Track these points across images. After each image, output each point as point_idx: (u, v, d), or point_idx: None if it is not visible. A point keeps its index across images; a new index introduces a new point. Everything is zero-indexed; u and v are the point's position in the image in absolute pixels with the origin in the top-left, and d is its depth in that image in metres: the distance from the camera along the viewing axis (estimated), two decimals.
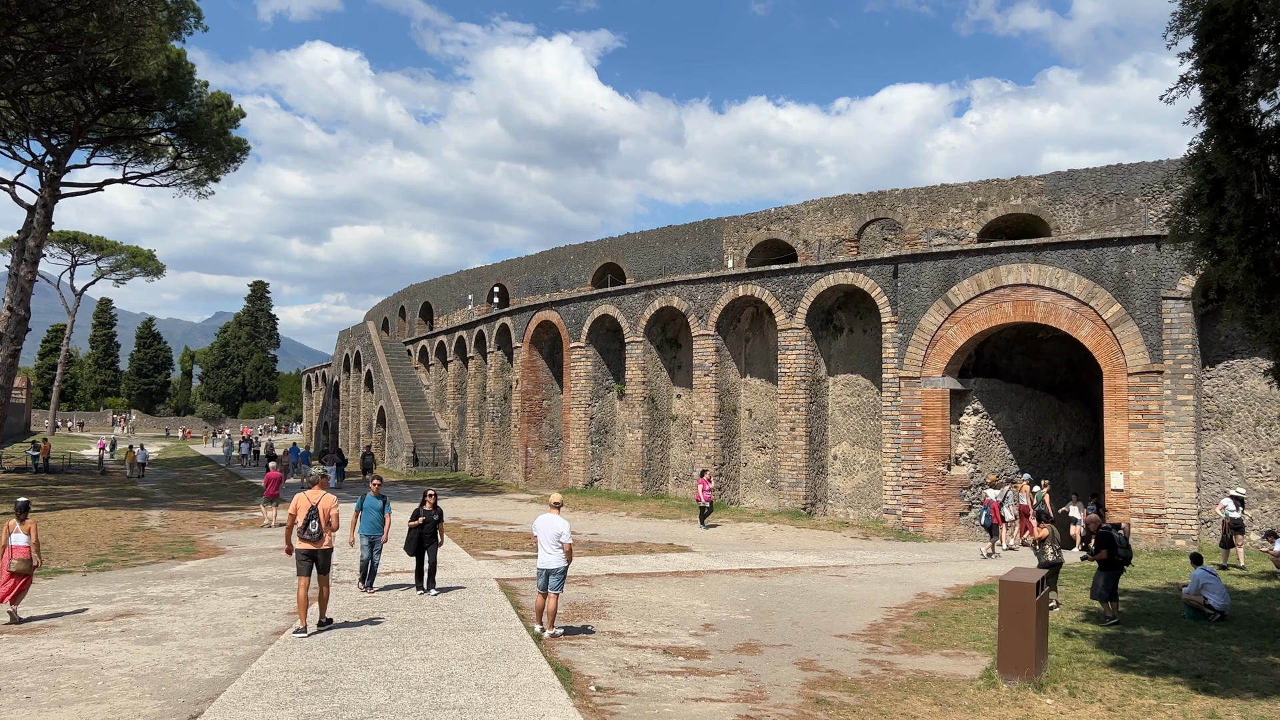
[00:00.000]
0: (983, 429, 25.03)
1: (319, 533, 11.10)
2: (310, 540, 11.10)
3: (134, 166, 47.73)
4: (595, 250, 42.06)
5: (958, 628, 13.53)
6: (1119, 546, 13.81)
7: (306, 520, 11.09)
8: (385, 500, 14.88)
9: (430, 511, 14.59)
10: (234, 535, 22.53)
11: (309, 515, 11.11)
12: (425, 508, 14.62)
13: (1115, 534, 13.89)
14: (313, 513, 11.13)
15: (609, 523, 26.04)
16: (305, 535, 11.10)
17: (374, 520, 14.61)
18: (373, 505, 14.72)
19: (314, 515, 11.13)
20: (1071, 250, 22.92)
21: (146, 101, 41.59)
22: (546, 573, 11.77)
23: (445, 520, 16.75)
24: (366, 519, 14.63)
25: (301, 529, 11.10)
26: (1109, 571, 13.81)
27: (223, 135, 45.77)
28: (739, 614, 14.09)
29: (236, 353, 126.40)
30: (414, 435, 44.63)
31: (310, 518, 11.10)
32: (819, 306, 27.59)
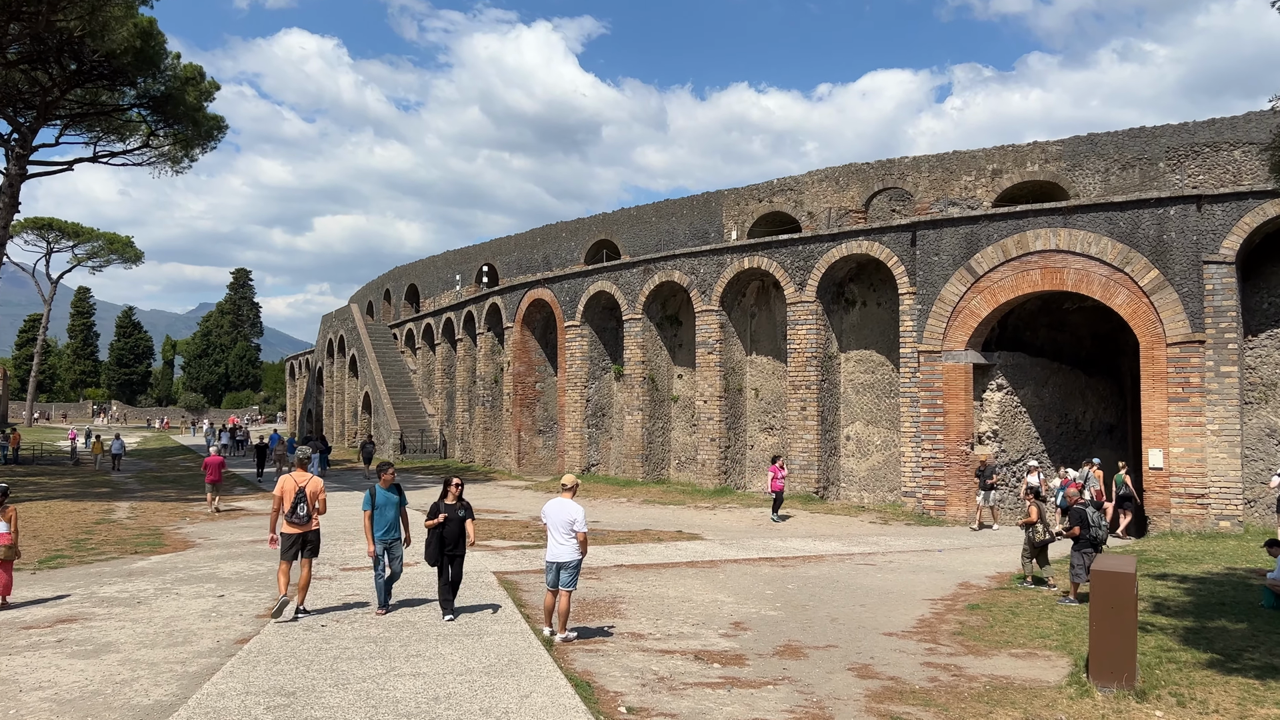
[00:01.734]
0: (1007, 406, 23.52)
1: (308, 515, 10.93)
2: (299, 524, 10.89)
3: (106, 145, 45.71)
4: (588, 226, 40.34)
5: (1017, 622, 12.00)
6: (1091, 525, 13.16)
7: (295, 503, 10.87)
8: (402, 493, 11.67)
9: (455, 506, 11.17)
10: (207, 527, 20.84)
11: (297, 498, 10.89)
12: (448, 501, 11.18)
13: (1089, 512, 13.29)
14: (300, 495, 10.91)
15: (610, 510, 24.46)
16: (294, 519, 10.87)
17: (392, 519, 11.40)
18: (389, 502, 11.36)
19: (302, 498, 10.91)
20: (1105, 213, 21.36)
21: (116, 75, 39.52)
22: (557, 566, 10.15)
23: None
24: (382, 519, 11.29)
25: (290, 513, 10.87)
26: (1081, 550, 13.15)
27: (198, 110, 43.72)
28: (769, 609, 12.53)
29: (219, 342, 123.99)
30: (401, 422, 42.90)
31: (299, 500, 10.88)
32: (830, 278, 25.99)
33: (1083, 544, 13.16)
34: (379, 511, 11.24)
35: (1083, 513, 13.28)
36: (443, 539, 10.91)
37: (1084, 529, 13.15)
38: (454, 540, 10.98)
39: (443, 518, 10.93)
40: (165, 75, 41.56)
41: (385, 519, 11.26)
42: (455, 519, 11.01)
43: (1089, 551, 13.05)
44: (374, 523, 11.17)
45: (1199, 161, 27.47)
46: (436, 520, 10.93)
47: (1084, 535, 13.15)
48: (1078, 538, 13.19)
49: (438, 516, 10.94)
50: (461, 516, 11.11)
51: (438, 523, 10.92)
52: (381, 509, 11.28)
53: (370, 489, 11.32)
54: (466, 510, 11.22)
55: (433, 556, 10.95)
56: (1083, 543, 13.15)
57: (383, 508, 11.28)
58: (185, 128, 43.90)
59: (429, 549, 10.96)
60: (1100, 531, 13.29)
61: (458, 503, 11.17)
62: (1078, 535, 13.17)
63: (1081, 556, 13.10)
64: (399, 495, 11.48)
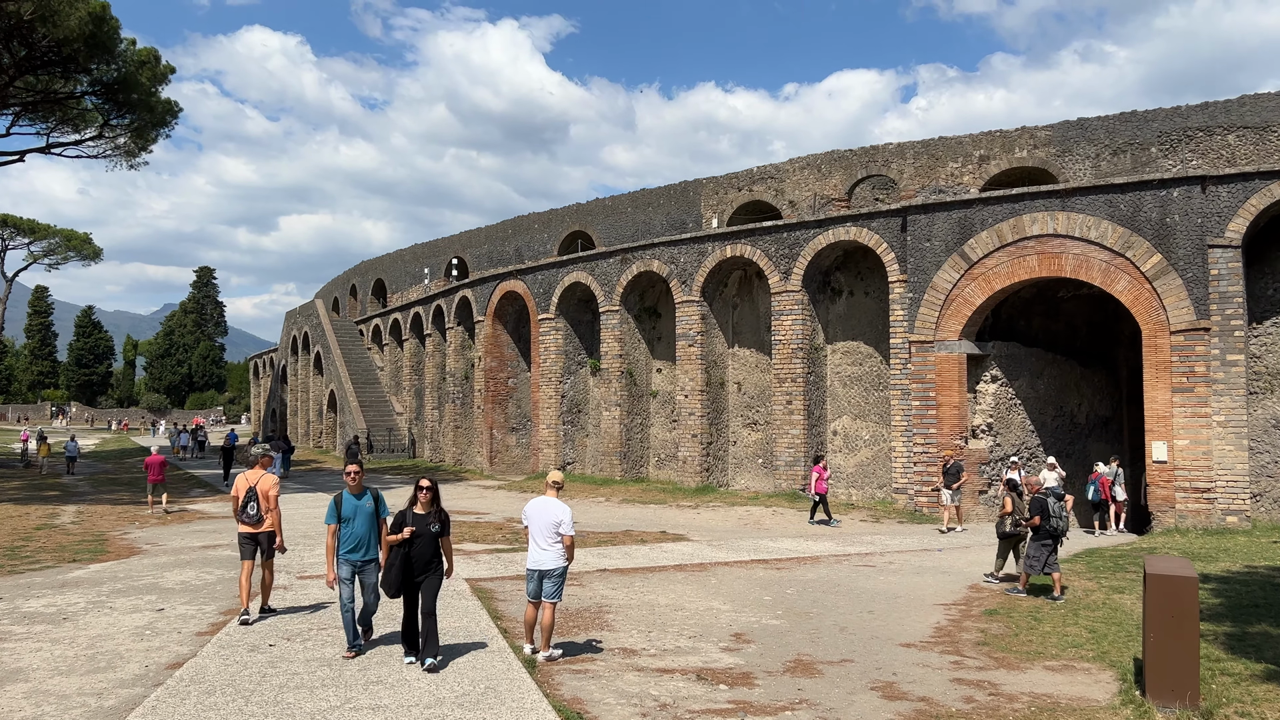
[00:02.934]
0: (1002, 398, 22.58)
1: (258, 515, 10.54)
2: (250, 523, 10.53)
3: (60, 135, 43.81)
4: (562, 217, 39.08)
5: (1043, 629, 10.95)
6: (1052, 516, 12.84)
7: (245, 502, 10.57)
8: (380, 500, 9.35)
9: (426, 517, 8.63)
10: (157, 532, 19.41)
11: (248, 497, 10.57)
12: (416, 510, 8.64)
13: (1050, 502, 12.94)
14: (251, 494, 10.57)
15: (589, 509, 23.25)
16: (245, 518, 10.56)
17: (363, 535, 9.07)
18: (359, 512, 9.07)
19: (253, 497, 10.56)
20: (1105, 195, 20.45)
21: (69, 61, 37.69)
22: (540, 574, 8.94)
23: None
24: (350, 535, 9.02)
25: (240, 512, 10.58)
26: (1040, 542, 12.83)
27: (152, 95, 41.97)
28: (771, 618, 11.40)
29: (182, 341, 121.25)
30: (367, 420, 41.41)
31: (249, 499, 10.56)
32: (816, 267, 24.93)
33: (1042, 535, 12.81)
34: (347, 525, 8.99)
35: (1043, 502, 12.90)
36: (409, 561, 8.43)
37: (1044, 519, 12.78)
38: (424, 563, 8.50)
39: (409, 532, 8.46)
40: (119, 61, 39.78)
41: (355, 534, 9.00)
42: (426, 534, 8.54)
43: (1048, 543, 12.76)
44: (340, 540, 9.00)
45: (1192, 146, 26.73)
46: (400, 535, 8.48)
47: (1043, 526, 12.79)
48: (1037, 528, 12.83)
49: (402, 530, 8.51)
50: (435, 532, 8.60)
51: (402, 538, 8.46)
52: (350, 522, 9.00)
53: (335, 496, 9.06)
54: (442, 524, 8.65)
55: (393, 584, 8.44)
56: (1042, 534, 12.80)
57: (351, 520, 9.00)
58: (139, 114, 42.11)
59: (388, 574, 8.48)
60: (1061, 523, 12.91)
61: (430, 513, 8.62)
62: (1037, 525, 12.81)
63: (1039, 548, 12.81)
64: (375, 504, 9.18)
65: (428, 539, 8.60)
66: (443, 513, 8.78)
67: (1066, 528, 13.22)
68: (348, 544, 9.02)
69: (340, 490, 9.15)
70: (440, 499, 8.84)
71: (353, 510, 9.06)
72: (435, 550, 8.66)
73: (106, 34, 38.12)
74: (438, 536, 8.67)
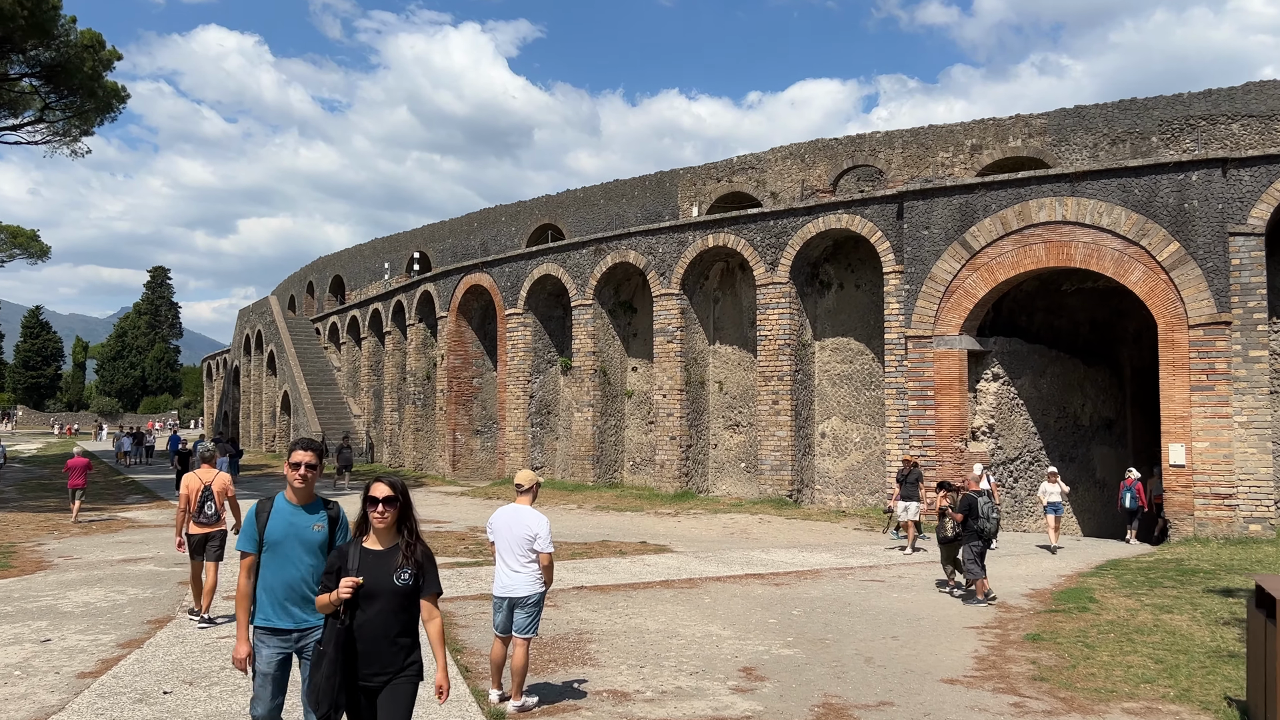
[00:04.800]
0: (1004, 397, 21.08)
1: (216, 514, 10.26)
2: (207, 523, 10.21)
3: None
4: (530, 210, 37.25)
5: (1099, 658, 9.33)
6: (980, 516, 12.30)
7: (202, 502, 10.20)
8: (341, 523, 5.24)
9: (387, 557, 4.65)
10: (77, 543, 17.32)
11: (203, 496, 10.23)
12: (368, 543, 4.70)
13: (980, 501, 12.43)
14: (207, 493, 10.26)
15: (560, 517, 21.41)
16: (202, 519, 10.20)
17: (301, 582, 5.02)
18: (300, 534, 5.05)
19: (208, 496, 10.26)
20: (1118, 179, 19.02)
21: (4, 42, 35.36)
22: (509, 603, 7.13)
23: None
24: (281, 572, 5.01)
25: (197, 513, 10.21)
26: (969, 544, 12.26)
27: (96, 80, 39.55)
28: (781, 646, 9.67)
29: (135, 343, 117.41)
30: (323, 423, 39.21)
31: (206, 498, 10.23)
32: (804, 257, 23.32)
33: (970, 535, 12.28)
34: (274, 553, 4.98)
35: (973, 500, 12.40)
36: (352, 647, 4.50)
37: (971, 518, 12.28)
38: (382, 653, 4.54)
39: (350, 589, 4.49)
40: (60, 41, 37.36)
41: (288, 579, 4.97)
42: (387, 594, 4.56)
43: (976, 544, 12.24)
44: (261, 586, 5.01)
45: (1194, 135, 25.51)
46: (334, 597, 4.51)
47: (969, 524, 12.29)
48: (963, 525, 12.38)
49: (343, 585, 4.51)
50: (404, 588, 4.60)
51: (338, 601, 4.50)
52: (279, 548, 4.99)
53: (258, 504, 5.14)
54: (419, 570, 4.67)
55: (324, 695, 4.43)
56: (970, 534, 12.28)
57: (282, 546, 4.98)
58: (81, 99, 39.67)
59: (314, 672, 4.50)
60: (989, 524, 12.41)
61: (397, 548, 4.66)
62: (962, 522, 12.36)
63: (970, 550, 12.25)
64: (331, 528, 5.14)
65: (390, 603, 4.53)
66: (420, 549, 4.69)
67: (996, 530, 12.71)
68: (274, 597, 4.96)
69: (275, 494, 5.13)
70: (414, 521, 4.74)
71: (286, 532, 4.97)
72: (406, 625, 4.60)
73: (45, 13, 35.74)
74: (408, 596, 4.59)
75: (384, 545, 4.68)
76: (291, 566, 4.99)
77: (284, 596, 4.98)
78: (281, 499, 5.14)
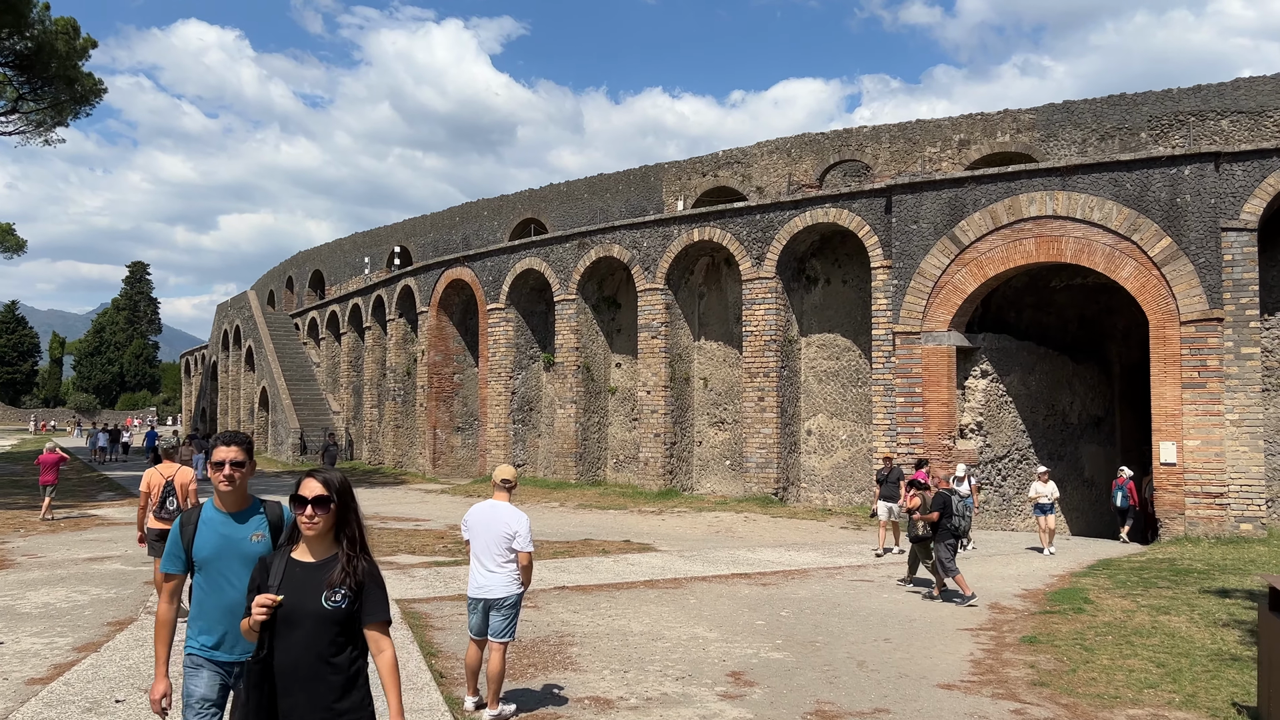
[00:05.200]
0: (993, 394, 20.81)
1: (178, 510, 9.85)
2: (169, 519, 9.91)
3: None
4: (513, 204, 36.77)
5: (1099, 661, 9.02)
6: (954, 514, 12.17)
7: (164, 496, 9.97)
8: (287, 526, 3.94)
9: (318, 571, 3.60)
10: (43, 540, 16.78)
11: (165, 491, 10.00)
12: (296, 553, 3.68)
13: (954, 500, 12.34)
14: (169, 488, 9.99)
15: (542, 516, 21.00)
16: (163, 514, 9.97)
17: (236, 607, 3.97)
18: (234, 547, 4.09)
19: (170, 491, 10.00)
20: (1110, 173, 18.77)
21: None
22: (485, 605, 6.72)
23: None
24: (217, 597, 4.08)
25: (159, 507, 9.99)
26: (943, 541, 12.11)
27: (71, 69, 38.79)
28: (770, 649, 9.30)
29: (113, 339, 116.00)
30: (301, 419, 38.63)
31: (167, 494, 9.98)
32: (791, 252, 22.97)
33: (944, 534, 12.12)
34: (206, 573, 4.10)
35: (946, 498, 12.23)
36: (266, 676, 3.52)
37: (944, 516, 12.10)
38: (300, 686, 3.52)
39: (269, 606, 3.51)
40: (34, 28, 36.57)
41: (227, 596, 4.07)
42: (313, 620, 3.52)
43: (950, 543, 12.12)
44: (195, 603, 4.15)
45: (1184, 131, 25.32)
46: (252, 620, 3.54)
47: (943, 523, 12.09)
48: (937, 525, 12.15)
49: (255, 604, 3.54)
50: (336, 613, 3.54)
51: (255, 622, 3.53)
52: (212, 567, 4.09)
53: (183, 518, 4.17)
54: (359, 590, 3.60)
55: None
56: (944, 533, 12.12)
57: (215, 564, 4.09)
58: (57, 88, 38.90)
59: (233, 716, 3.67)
60: (964, 522, 12.31)
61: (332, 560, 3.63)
62: (936, 521, 12.13)
63: (945, 549, 12.10)
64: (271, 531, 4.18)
65: (316, 630, 3.52)
66: (362, 564, 3.65)
67: (969, 527, 12.68)
68: (210, 624, 4.09)
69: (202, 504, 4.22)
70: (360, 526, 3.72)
71: (218, 548, 4.07)
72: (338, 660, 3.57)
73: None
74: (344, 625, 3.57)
75: (316, 557, 3.61)
76: (229, 587, 4.00)
77: (222, 624, 4.03)
78: (210, 508, 4.13)
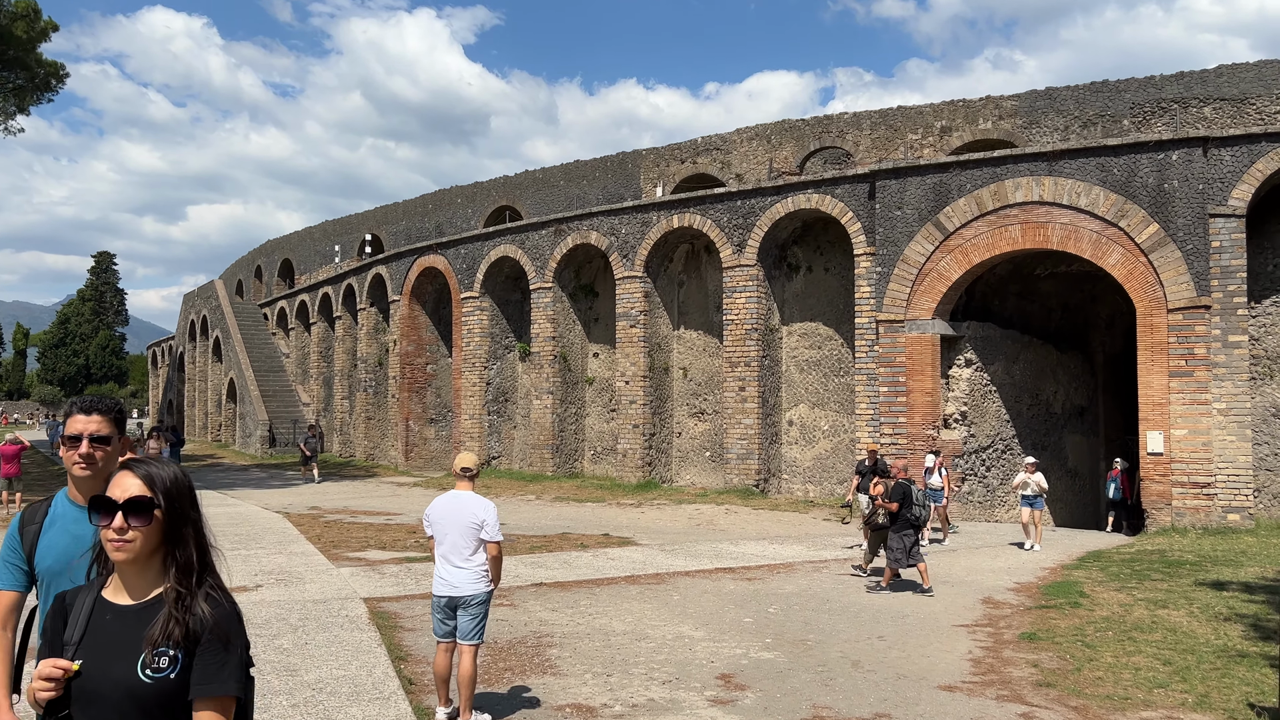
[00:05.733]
0: (977, 384, 20.47)
1: None
2: None
3: None
4: (487, 191, 36.09)
5: (1103, 659, 8.62)
6: (914, 504, 12.00)
7: None
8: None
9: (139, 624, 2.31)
10: None
11: None
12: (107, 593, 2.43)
13: (914, 489, 12.26)
14: None
15: (518, 509, 20.46)
16: None
17: None
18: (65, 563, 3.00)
19: None
20: (1097, 158, 18.44)
21: None
22: (452, 603, 6.19)
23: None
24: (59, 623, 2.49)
25: None
26: (900, 532, 11.88)
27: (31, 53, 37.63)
28: (759, 649, 8.84)
29: (79, 330, 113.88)
30: (270, 411, 37.79)
31: None
32: (772, 239, 22.51)
33: (902, 525, 11.91)
34: (56, 587, 2.93)
35: (906, 488, 12.12)
36: None
37: (904, 506, 11.90)
38: None
39: (58, 677, 2.26)
40: None
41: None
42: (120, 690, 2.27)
43: (909, 533, 11.91)
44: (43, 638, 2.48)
45: (1166, 119, 25.09)
46: (38, 694, 2.26)
47: (903, 514, 11.89)
48: (896, 515, 11.91)
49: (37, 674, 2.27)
50: (152, 683, 2.26)
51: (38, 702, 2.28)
52: (62, 580, 2.94)
53: (24, 514, 3.18)
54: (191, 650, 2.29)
55: None
56: (902, 523, 11.91)
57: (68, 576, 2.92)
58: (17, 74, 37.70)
59: None
60: (923, 512, 12.26)
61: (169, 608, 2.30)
62: (895, 511, 11.90)
63: (901, 539, 11.86)
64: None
65: (128, 715, 2.27)
66: (209, 609, 2.35)
67: (928, 517, 12.62)
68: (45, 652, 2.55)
69: (52, 497, 3.22)
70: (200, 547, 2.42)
71: (68, 552, 3.02)
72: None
73: None
74: (167, 704, 2.28)
75: (135, 597, 2.38)
76: None
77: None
78: (63, 499, 3.13)
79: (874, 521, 12.53)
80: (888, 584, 11.92)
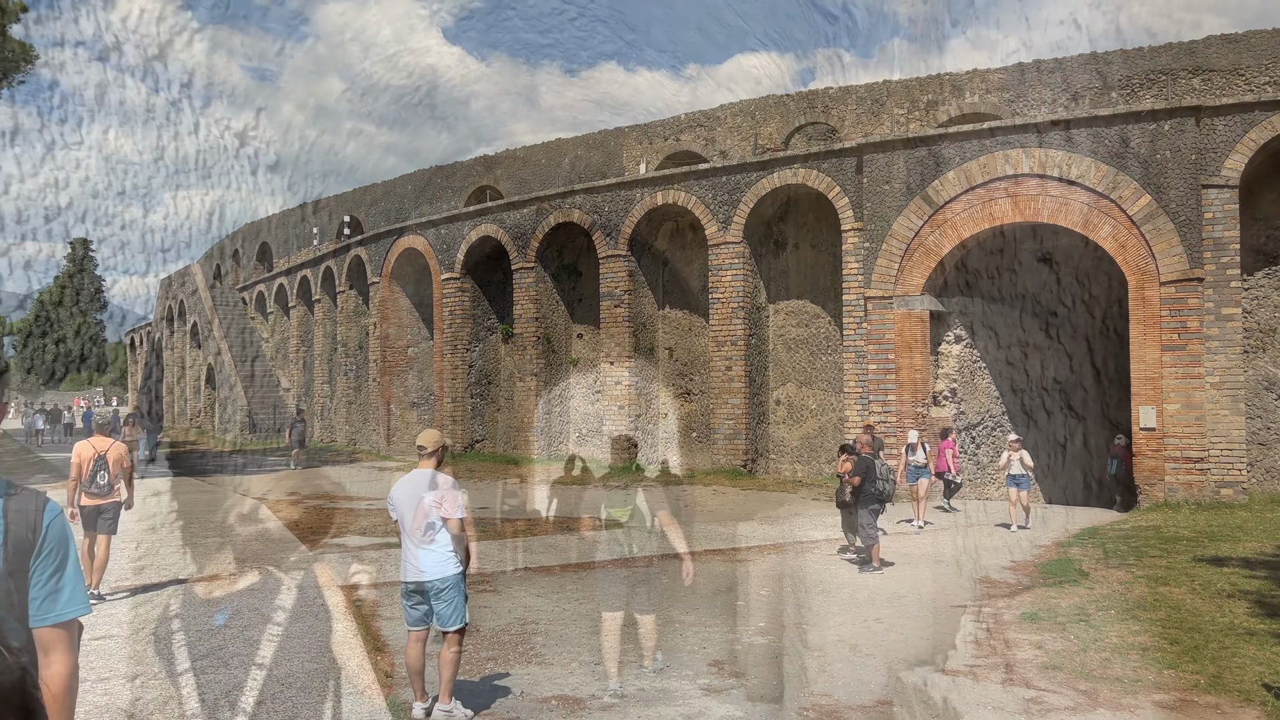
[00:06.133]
0: (966, 360, 20.20)
1: (109, 485, 9.61)
2: (100, 495, 9.55)
3: None
4: (467, 170, 35.49)
5: (1110, 641, 8.33)
6: (878, 478, 11.80)
7: (94, 471, 9.52)
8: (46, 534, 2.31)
9: None
10: None
11: (96, 465, 9.54)
12: None
13: (877, 463, 11.99)
14: (100, 462, 9.57)
15: (501, 492, 20.07)
16: (93, 489, 9.50)
17: None
18: None
19: (102, 465, 9.59)
20: (1088, 129, 18.09)
21: None
22: (420, 588, 5.83)
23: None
24: None
25: (89, 482, 9.50)
26: (869, 507, 11.71)
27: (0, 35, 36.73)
28: (752, 633, 8.56)
29: (56, 318, 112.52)
30: (249, 397, 37.21)
31: (98, 468, 9.55)
32: (758, 216, 22.10)
33: (868, 499, 11.73)
34: None
35: (869, 463, 11.91)
36: None
37: (867, 480, 11.71)
38: None
39: None
40: None
41: None
42: None
43: (875, 508, 11.79)
44: None
45: (1155, 91, 24.76)
46: None
47: (865, 488, 11.68)
48: (858, 489, 11.72)
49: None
50: None
51: None
52: None
53: None
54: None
55: None
56: (868, 498, 11.73)
57: None
58: None
59: None
60: (887, 486, 11.97)
61: None
62: (859, 485, 11.70)
63: (870, 515, 11.74)
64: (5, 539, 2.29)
65: None
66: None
67: (892, 491, 12.41)
68: None
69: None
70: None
71: None
72: None
73: None
74: None
75: None
76: None
77: None
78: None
79: (840, 499, 12.33)
80: (877, 563, 11.65)
